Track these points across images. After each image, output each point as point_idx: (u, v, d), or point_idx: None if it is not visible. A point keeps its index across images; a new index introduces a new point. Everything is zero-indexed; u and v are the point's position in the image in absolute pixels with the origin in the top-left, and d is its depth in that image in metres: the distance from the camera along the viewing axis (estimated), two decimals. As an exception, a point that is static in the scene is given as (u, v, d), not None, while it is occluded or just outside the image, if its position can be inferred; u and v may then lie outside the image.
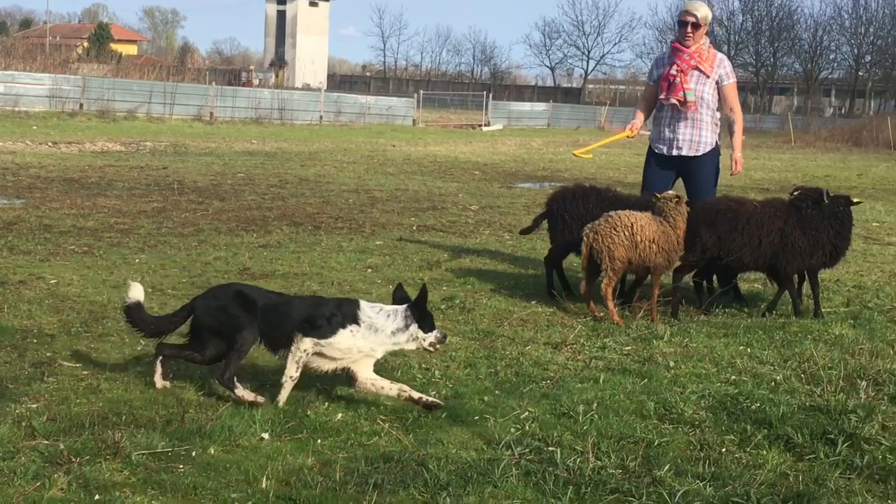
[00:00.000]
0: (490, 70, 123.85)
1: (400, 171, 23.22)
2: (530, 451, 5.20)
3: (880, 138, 49.77)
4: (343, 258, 10.81)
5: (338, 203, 16.09)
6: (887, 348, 7.49)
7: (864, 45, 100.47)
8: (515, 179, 23.02)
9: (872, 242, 13.90)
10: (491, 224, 14.51)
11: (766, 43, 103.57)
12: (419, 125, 51.08)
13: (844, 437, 5.42)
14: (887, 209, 18.67)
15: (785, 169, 30.49)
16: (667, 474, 4.91)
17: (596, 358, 7.17)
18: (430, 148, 32.87)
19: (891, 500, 4.69)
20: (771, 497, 4.64)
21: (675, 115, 9.77)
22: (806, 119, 69.43)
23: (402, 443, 5.27)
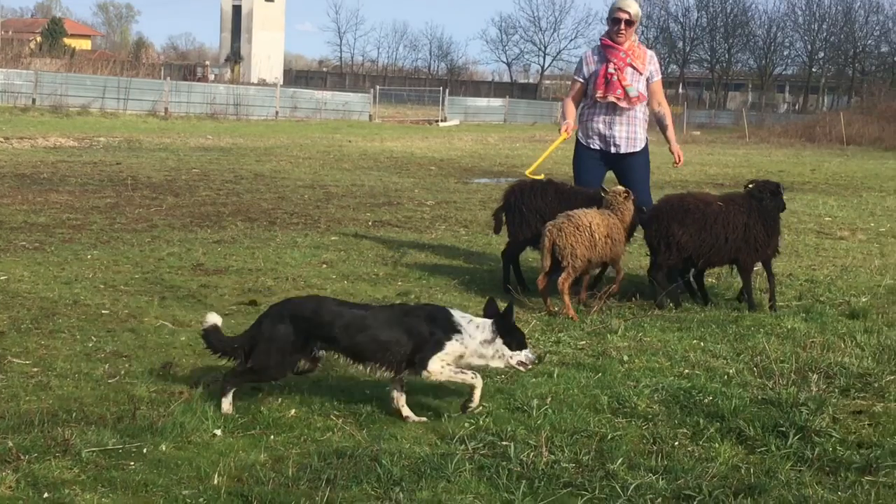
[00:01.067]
0: (447, 66, 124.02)
1: (356, 167, 23.17)
2: (484, 446, 5.19)
3: (833, 134, 50.20)
4: (298, 254, 10.77)
5: (293, 199, 16.03)
6: (838, 341, 7.54)
7: (818, 41, 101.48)
8: (471, 175, 23.03)
9: (825, 237, 14.01)
10: (447, 219, 14.50)
11: (721, 39, 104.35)
12: (375, 121, 51.04)
13: (796, 430, 5.45)
14: (839, 204, 18.83)
15: (739, 164, 30.67)
16: (620, 468, 4.91)
17: (550, 352, 7.17)
18: (386, 143, 32.83)
19: (841, 491, 4.72)
20: (723, 490, 4.66)
21: (611, 112, 9.88)
22: (760, 115, 69.97)
23: (355, 438, 5.26)
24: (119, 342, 7.01)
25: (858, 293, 9.59)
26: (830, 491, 4.73)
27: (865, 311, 8.62)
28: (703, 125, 64.84)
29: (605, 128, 9.92)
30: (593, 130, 9.97)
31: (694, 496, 4.60)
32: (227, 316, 7.87)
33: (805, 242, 13.34)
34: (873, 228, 15.21)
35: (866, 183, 24.90)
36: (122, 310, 7.96)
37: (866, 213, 17.36)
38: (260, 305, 8.22)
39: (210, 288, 8.89)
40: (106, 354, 6.70)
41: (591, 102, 9.96)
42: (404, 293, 8.92)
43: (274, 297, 8.54)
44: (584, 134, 10.07)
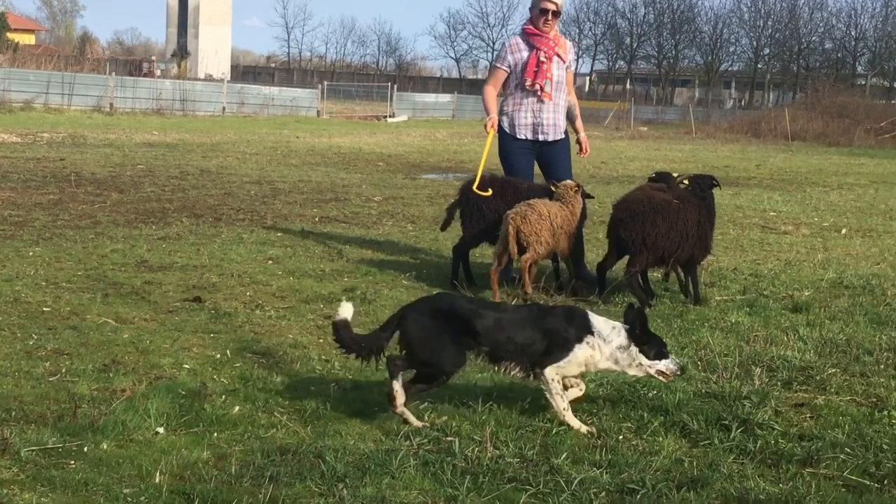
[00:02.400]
0: (395, 61, 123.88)
1: (303, 163, 23.07)
2: (429, 442, 5.19)
3: (778, 129, 50.60)
4: (243, 250, 10.70)
5: (239, 195, 15.94)
6: (781, 335, 7.61)
7: (763, 38, 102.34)
8: (419, 171, 23.01)
9: (770, 232, 14.13)
10: (394, 215, 14.48)
11: (668, 35, 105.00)
12: (323, 116, 50.84)
13: (738, 423, 5.50)
14: (784, 199, 19.00)
15: (686, 160, 30.85)
16: (564, 462, 4.92)
17: (496, 348, 7.17)
18: (334, 139, 32.72)
19: (782, 483, 4.76)
20: (666, 483, 4.68)
21: (539, 100, 10.00)
22: (707, 110, 70.40)
23: (299, 435, 5.23)
24: (60, 340, 6.93)
25: (801, 287, 9.68)
26: (772, 483, 4.77)
27: (808, 304, 8.70)
28: (650, 121, 65.17)
29: (534, 116, 10.05)
30: (522, 120, 10.06)
31: (637, 490, 4.61)
32: (171, 312, 7.83)
33: (750, 237, 13.44)
34: (817, 223, 15.36)
35: (810, 178, 25.15)
36: (63, 307, 7.87)
37: (810, 208, 17.53)
38: (205, 302, 8.17)
39: (154, 285, 8.81)
40: (47, 352, 6.62)
41: (518, 91, 10.05)
42: (350, 289, 8.89)
43: (219, 294, 8.51)
44: (512, 124, 10.12)
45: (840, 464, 5.01)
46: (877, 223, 15.66)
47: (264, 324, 7.64)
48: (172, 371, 6.28)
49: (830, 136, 49.05)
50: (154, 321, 7.56)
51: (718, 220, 14.75)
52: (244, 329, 7.45)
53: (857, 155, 38.63)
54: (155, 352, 6.67)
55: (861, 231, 14.60)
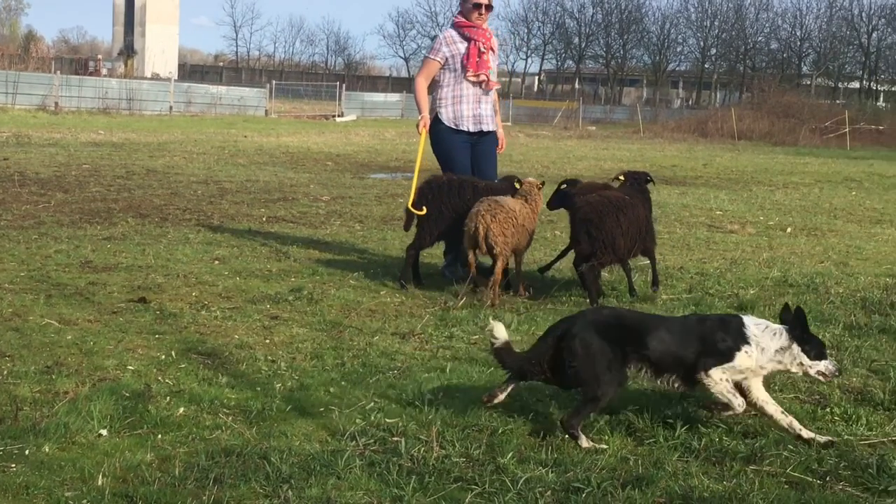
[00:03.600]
0: (344, 61, 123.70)
1: (251, 162, 22.97)
2: (375, 442, 5.17)
3: (725, 129, 51.09)
4: (190, 250, 10.63)
5: (186, 194, 15.83)
6: (726, 333, 7.64)
7: (710, 38, 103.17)
8: (368, 170, 22.98)
9: (716, 230, 14.24)
10: (342, 215, 14.44)
11: (616, 35, 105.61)
12: (272, 116, 50.64)
13: (683, 421, 5.52)
14: (730, 198, 19.16)
15: (634, 159, 31.01)
16: (510, 461, 4.92)
17: (443, 347, 7.18)
18: (282, 139, 32.60)
19: (726, 481, 4.79)
20: (611, 481, 4.69)
21: (479, 92, 10.10)
22: (654, 110, 70.91)
23: (244, 436, 5.19)
24: (2, 342, 6.83)
25: (747, 286, 9.76)
26: (716, 481, 4.80)
27: (753, 303, 8.78)
28: (598, 120, 65.52)
29: (475, 107, 10.12)
30: (465, 112, 10.10)
31: (583, 488, 4.62)
32: (116, 314, 7.75)
33: (696, 236, 13.54)
34: (762, 222, 15.49)
35: (756, 177, 25.38)
36: (6, 308, 7.77)
37: (756, 207, 17.69)
38: (150, 303, 8.10)
39: (98, 286, 8.72)
40: (-12, 354, 6.54)
41: (459, 83, 10.08)
42: (297, 289, 8.85)
43: (164, 295, 8.44)
44: (452, 117, 10.12)
45: (783, 461, 5.05)
46: (821, 222, 15.83)
47: (210, 324, 7.59)
48: (116, 372, 6.22)
49: (776, 135, 49.64)
50: (98, 322, 7.48)
51: (665, 219, 15.00)
52: (189, 330, 7.39)
53: (802, 154, 39.08)
54: (99, 353, 6.60)
55: (806, 230, 14.75)
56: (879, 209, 18.30)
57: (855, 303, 9.09)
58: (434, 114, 10.11)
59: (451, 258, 9.89)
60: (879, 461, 5.03)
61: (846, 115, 52.69)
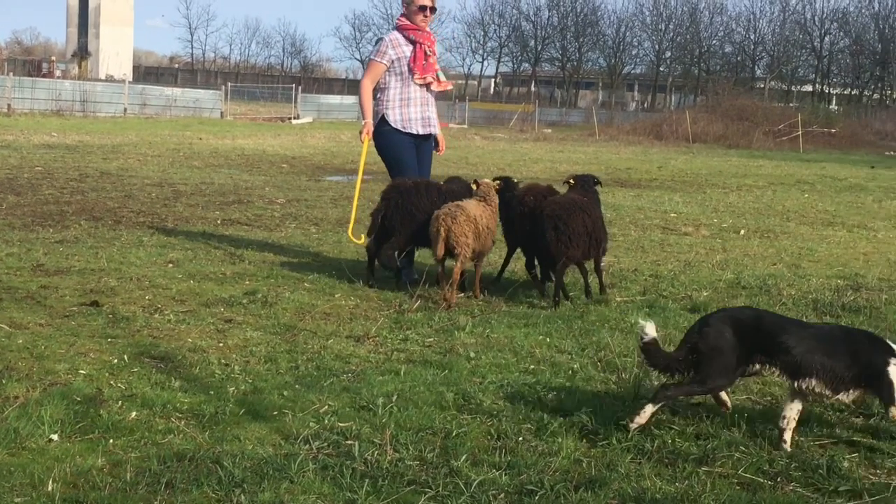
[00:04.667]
0: (300, 63, 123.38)
1: (206, 165, 22.85)
2: (328, 446, 5.15)
3: (679, 132, 51.34)
4: (143, 253, 10.56)
5: (140, 197, 15.73)
6: (680, 335, 7.66)
7: (665, 41, 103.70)
8: (324, 172, 22.91)
9: (670, 233, 14.31)
10: (297, 217, 14.39)
11: (572, 38, 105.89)
12: (227, 118, 50.42)
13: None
14: (685, 200, 19.27)
15: (589, 161, 31.14)
16: (464, 464, 4.93)
17: (398, 350, 7.17)
18: (237, 141, 32.44)
19: (678, 482, 4.82)
20: (564, 484, 4.71)
21: (425, 94, 10.18)
22: (610, 113, 71.10)
23: (196, 440, 5.16)
24: (-48, 346, 6.76)
25: (700, 288, 9.82)
26: (668, 482, 4.83)
27: (706, 305, 8.83)
28: (554, 123, 65.71)
29: (424, 110, 10.20)
30: (413, 114, 10.16)
31: (536, 491, 4.64)
32: (68, 317, 7.69)
33: (650, 238, 13.60)
34: (716, 224, 15.60)
35: (710, 180, 25.53)
36: (-44, 312, 7.69)
37: (710, 210, 17.80)
38: (102, 306, 8.04)
39: (50, 289, 8.64)
40: (-62, 359, 6.46)
41: (406, 86, 10.12)
42: (252, 292, 8.81)
43: (117, 298, 8.38)
44: (400, 119, 10.14)
45: (735, 462, 5.09)
46: (774, 224, 15.95)
47: (163, 328, 7.53)
48: (68, 377, 6.17)
49: (730, 138, 49.95)
50: (50, 326, 7.41)
51: (620, 222, 15.09)
52: (142, 333, 7.34)
53: (755, 157, 39.36)
54: (50, 357, 6.54)
55: (759, 232, 14.86)
56: (831, 211, 18.47)
57: (807, 304, 9.18)
58: (379, 116, 10.11)
59: (406, 261, 9.89)
60: (829, 462, 5.09)
61: (799, 119, 53.12)
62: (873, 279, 10.60)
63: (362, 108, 10.21)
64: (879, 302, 9.29)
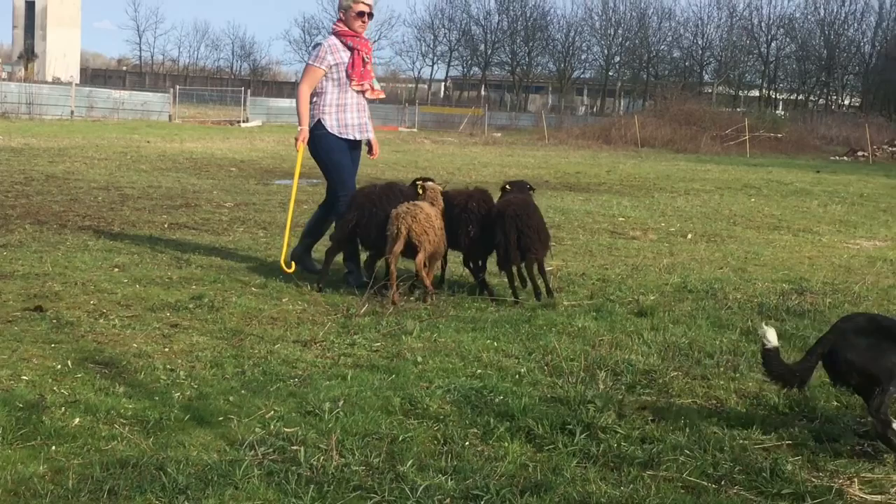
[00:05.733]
0: (249, 66, 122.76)
1: (154, 168, 22.68)
2: (274, 451, 5.13)
3: (628, 136, 51.65)
4: (88, 257, 10.46)
5: (86, 201, 15.59)
6: (626, 339, 7.75)
7: (614, 46, 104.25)
8: (272, 176, 22.80)
9: (618, 237, 14.38)
10: (245, 221, 14.32)
11: (522, 42, 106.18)
12: (176, 121, 50.13)
13: (582, 427, 5.57)
14: (633, 204, 19.38)
15: (538, 166, 31.23)
16: (410, 469, 4.92)
17: (345, 355, 7.15)
18: (186, 144, 32.25)
19: (623, 486, 4.84)
20: (509, 488, 4.71)
21: (361, 101, 10.25)
22: (559, 117, 71.40)
23: (140, 447, 5.11)
24: None
25: (647, 291, 9.87)
26: (613, 486, 4.84)
27: (653, 308, 8.88)
28: (504, 127, 65.84)
29: (360, 115, 10.26)
30: (350, 120, 10.20)
31: (482, 496, 4.64)
32: (11, 322, 7.60)
33: (599, 242, 13.66)
34: (664, 228, 15.69)
35: (658, 184, 25.68)
36: None
37: (658, 214, 17.91)
38: (46, 311, 7.96)
39: (-7, 294, 8.55)
40: None
41: (342, 92, 10.14)
42: (198, 297, 8.75)
43: (61, 303, 8.30)
44: (336, 125, 10.15)
45: (680, 465, 5.12)
46: (721, 228, 16.07)
47: (108, 333, 7.47)
48: (10, 383, 6.09)
49: (678, 142, 50.35)
50: (-8, 331, 7.33)
51: (569, 226, 15.16)
52: (87, 339, 7.26)
53: (703, 161, 39.66)
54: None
55: (706, 236, 14.97)
56: (777, 216, 18.63)
57: (752, 308, 9.26)
58: (315, 120, 10.12)
59: (353, 265, 9.88)
60: (773, 465, 5.13)
61: (746, 123, 53.54)
62: (818, 283, 10.71)
63: (299, 115, 10.16)
64: (823, 305, 9.39)
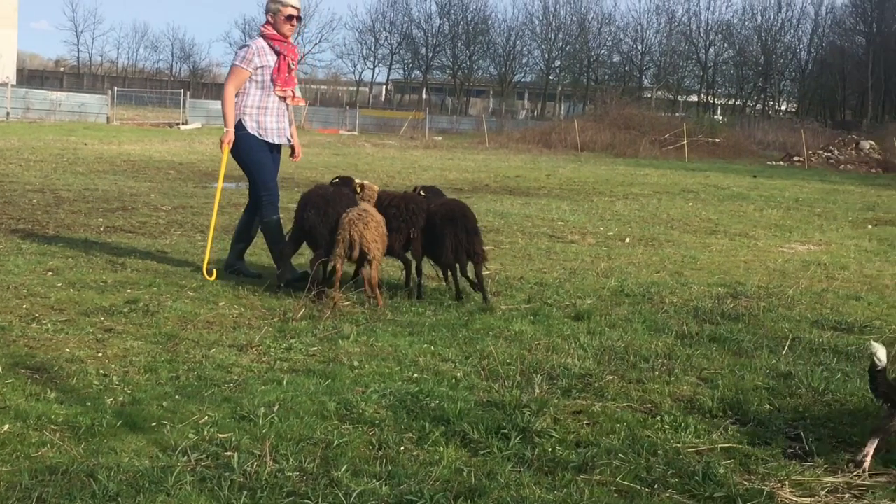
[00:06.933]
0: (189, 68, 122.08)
1: (91, 171, 22.47)
2: (207, 457, 5.08)
3: (568, 140, 51.93)
4: (22, 261, 10.31)
5: (21, 203, 15.39)
6: (563, 343, 7.78)
7: (555, 50, 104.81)
8: (211, 179, 22.65)
9: (557, 241, 14.43)
10: (183, 224, 14.22)
11: (463, 46, 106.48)
12: (114, 123, 49.70)
13: (518, 432, 5.58)
14: (572, 208, 19.46)
15: (478, 169, 31.29)
16: (344, 475, 4.90)
17: (281, 359, 7.11)
18: (124, 146, 31.98)
19: (557, 490, 4.85)
20: (444, 493, 4.70)
21: (282, 105, 10.27)
22: (500, 121, 71.70)
23: (71, 454, 5.04)
24: None
25: (584, 295, 9.91)
26: (547, 490, 4.85)
27: (590, 312, 8.91)
28: (444, 130, 66.02)
29: (279, 120, 10.30)
30: (270, 124, 10.23)
31: (416, 500, 4.62)
32: (-60, 327, 7.49)
33: (537, 246, 13.70)
34: (602, 232, 15.77)
35: (598, 188, 25.83)
36: None
37: (596, 218, 17.99)
38: (-23, 316, 7.84)
39: (-77, 298, 8.41)
40: None
41: (264, 95, 10.16)
42: (133, 301, 8.66)
43: (-8, 307, 8.18)
44: (256, 126, 10.18)
45: (613, 469, 5.14)
46: (659, 232, 16.18)
47: (40, 338, 7.36)
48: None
49: (618, 147, 50.68)
50: (-79, 336, 7.21)
51: (508, 230, 15.20)
52: (18, 343, 7.16)
53: (642, 165, 39.95)
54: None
55: (644, 240, 15.06)
56: (714, 220, 18.80)
57: (688, 312, 9.33)
58: (235, 120, 10.14)
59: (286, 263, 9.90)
60: (706, 468, 5.17)
61: (685, 128, 54.04)
62: (752, 287, 10.81)
63: (225, 116, 10.13)
64: (757, 309, 9.49)
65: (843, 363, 7.62)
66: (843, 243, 15.86)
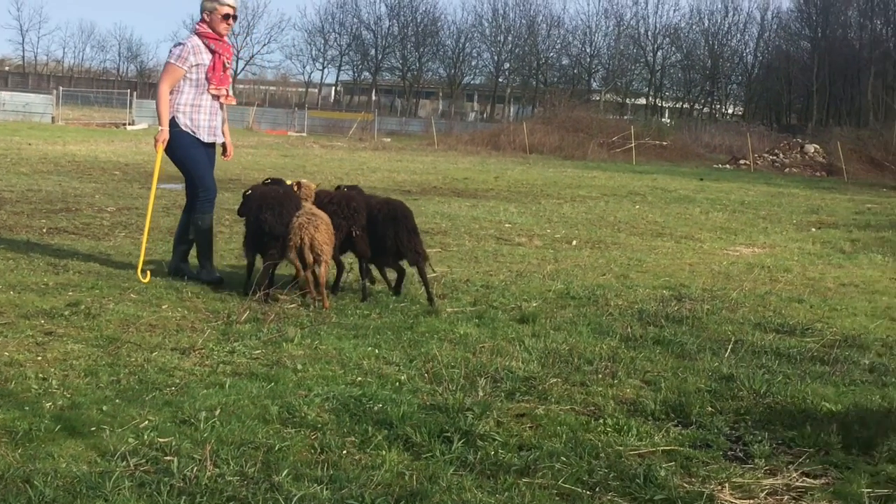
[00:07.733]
0: (137, 68, 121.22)
1: (34, 171, 22.23)
2: (146, 462, 5.03)
3: (517, 142, 52.04)
4: (-39, 263, 10.19)
5: (-39, 204, 15.21)
6: (508, 346, 7.78)
7: (504, 52, 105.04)
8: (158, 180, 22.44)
9: (504, 243, 14.45)
10: (127, 226, 14.09)
11: (412, 48, 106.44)
12: (59, 123, 49.21)
13: (460, 435, 5.57)
14: (520, 211, 19.50)
15: (427, 171, 31.28)
16: (285, 479, 4.86)
17: (224, 363, 7.05)
18: (69, 147, 31.67)
19: (499, 494, 4.84)
20: (385, 497, 4.69)
21: (215, 104, 10.27)
22: (449, 123, 71.71)
23: (6, 459, 4.96)
24: None
25: (530, 298, 9.93)
26: (489, 494, 4.84)
27: (535, 315, 8.93)
28: (393, 132, 65.96)
29: (212, 119, 10.29)
30: (202, 122, 10.23)
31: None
32: None
33: (484, 248, 13.71)
34: (549, 234, 15.81)
35: (546, 190, 25.90)
36: None
37: (544, 220, 18.04)
38: (-86, 319, 7.72)
39: None
40: None
41: (198, 94, 10.15)
42: (74, 304, 8.56)
43: (-70, 310, 8.06)
44: (189, 124, 10.17)
45: (556, 472, 5.14)
46: (605, 235, 16.25)
47: (-22, 341, 7.27)
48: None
49: (566, 149, 50.87)
50: None
51: (455, 232, 15.21)
52: (-44, 347, 7.07)
53: (590, 168, 40.14)
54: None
55: (590, 242, 15.12)
56: (661, 222, 18.91)
57: (632, 315, 9.37)
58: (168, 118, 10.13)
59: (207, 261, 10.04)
60: (647, 471, 5.18)
61: (632, 131, 54.37)
62: (697, 289, 10.88)
63: (160, 115, 10.10)
64: (701, 312, 9.54)
65: (785, 365, 7.69)
66: (786, 246, 16.02)
